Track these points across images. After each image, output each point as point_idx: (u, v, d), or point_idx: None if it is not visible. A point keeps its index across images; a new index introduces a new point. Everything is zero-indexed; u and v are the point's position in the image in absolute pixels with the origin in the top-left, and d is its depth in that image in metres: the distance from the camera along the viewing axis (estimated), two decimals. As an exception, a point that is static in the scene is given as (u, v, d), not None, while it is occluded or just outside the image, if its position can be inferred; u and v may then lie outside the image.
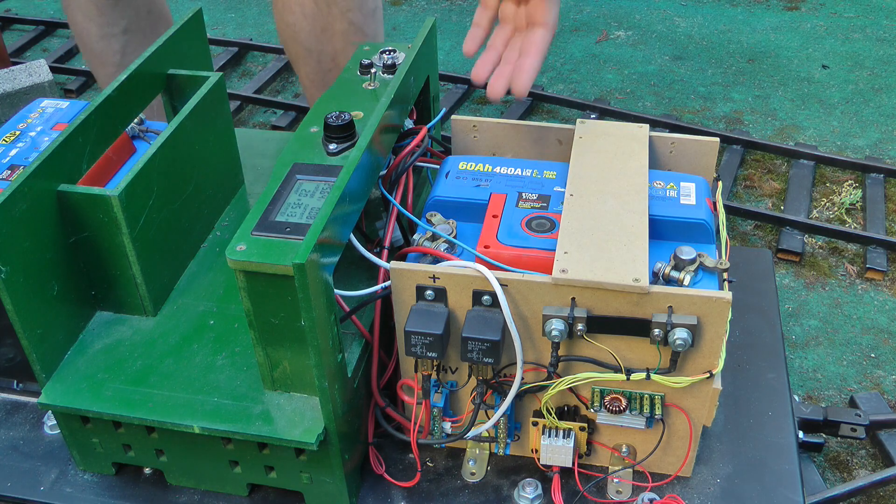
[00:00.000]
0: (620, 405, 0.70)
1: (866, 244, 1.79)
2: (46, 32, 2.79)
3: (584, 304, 0.65)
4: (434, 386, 0.72)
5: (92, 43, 1.35)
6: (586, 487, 0.74)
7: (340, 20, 1.21)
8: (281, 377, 0.69)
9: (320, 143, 0.75)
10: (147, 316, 0.78)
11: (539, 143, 0.86)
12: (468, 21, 2.82)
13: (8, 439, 0.81)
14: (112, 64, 1.37)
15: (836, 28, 2.67)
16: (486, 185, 0.79)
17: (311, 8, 1.21)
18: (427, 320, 0.66)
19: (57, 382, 0.72)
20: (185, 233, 0.83)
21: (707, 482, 0.75)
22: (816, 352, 1.58)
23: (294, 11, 1.22)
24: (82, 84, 2.48)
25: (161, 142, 0.77)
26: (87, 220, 0.72)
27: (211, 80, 0.86)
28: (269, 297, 0.64)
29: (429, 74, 0.90)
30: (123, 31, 1.33)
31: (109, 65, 1.37)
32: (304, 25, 1.22)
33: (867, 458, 1.38)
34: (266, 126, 2.30)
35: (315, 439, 0.66)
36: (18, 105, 1.66)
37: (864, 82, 2.40)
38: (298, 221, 0.66)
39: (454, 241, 0.72)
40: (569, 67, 2.53)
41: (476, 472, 0.76)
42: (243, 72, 2.58)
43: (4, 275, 0.65)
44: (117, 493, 0.76)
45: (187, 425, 0.68)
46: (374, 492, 0.75)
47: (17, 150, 0.86)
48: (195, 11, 0.94)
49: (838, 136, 2.18)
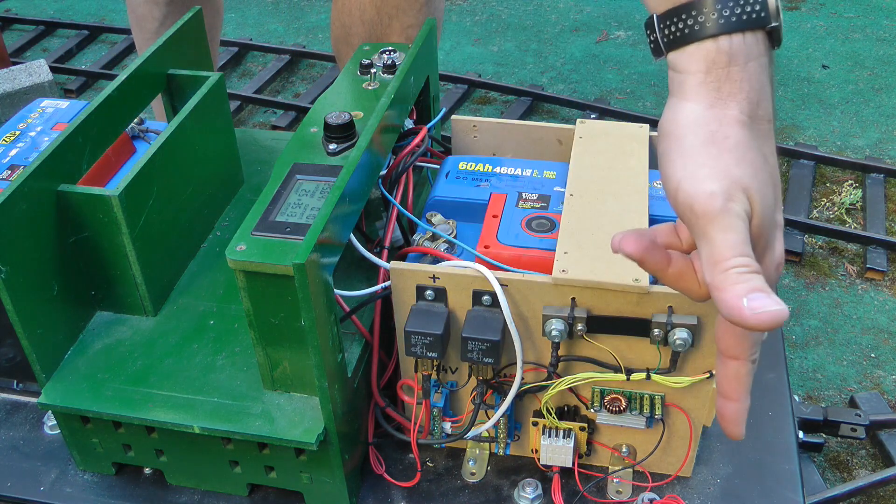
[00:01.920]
0: (620, 405, 0.70)
1: (866, 244, 1.79)
2: (46, 32, 2.79)
3: (584, 304, 0.65)
4: (434, 386, 0.72)
5: (136, 5, 1.37)
6: (586, 487, 0.74)
7: (399, 35, 1.19)
8: (281, 377, 0.69)
9: (320, 143, 0.75)
10: (147, 316, 0.78)
11: (539, 143, 0.86)
12: (468, 21, 2.82)
13: (8, 439, 0.81)
14: (150, 31, 1.38)
15: (836, 28, 2.67)
16: (486, 185, 0.79)
17: (371, 15, 1.19)
18: (427, 320, 0.66)
19: (57, 382, 0.72)
20: (185, 233, 0.83)
21: (707, 482, 0.75)
22: (816, 352, 1.58)
23: (353, 14, 1.20)
24: (82, 84, 2.48)
25: (161, 142, 0.77)
26: (87, 220, 0.72)
27: (211, 80, 0.86)
28: (269, 297, 0.64)
29: (429, 74, 0.90)
30: (168, 2, 1.35)
31: (147, 31, 1.39)
32: (359, 31, 1.21)
33: (867, 458, 1.38)
34: (266, 126, 2.30)
35: (315, 439, 0.66)
36: (18, 105, 1.66)
37: (864, 82, 2.40)
38: (298, 221, 0.66)
39: (454, 241, 0.72)
40: (569, 67, 2.53)
41: (476, 472, 0.76)
42: (243, 72, 2.58)
43: (4, 275, 0.65)
44: (117, 493, 0.76)
45: (187, 425, 0.68)
46: (374, 492, 0.75)
47: (17, 150, 0.86)
48: (195, 11, 0.94)
49: (838, 136, 2.18)
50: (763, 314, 0.43)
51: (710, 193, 0.46)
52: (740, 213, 0.47)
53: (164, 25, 1.36)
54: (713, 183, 0.47)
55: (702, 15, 0.48)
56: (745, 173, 0.47)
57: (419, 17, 1.20)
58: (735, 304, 0.44)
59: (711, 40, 0.48)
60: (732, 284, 0.45)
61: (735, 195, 0.47)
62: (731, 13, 0.48)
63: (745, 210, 0.47)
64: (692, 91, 0.49)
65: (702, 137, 0.48)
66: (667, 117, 0.51)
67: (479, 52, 2.65)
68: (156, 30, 1.37)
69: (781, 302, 0.44)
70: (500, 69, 2.55)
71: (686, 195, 0.47)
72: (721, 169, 0.47)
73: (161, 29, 1.37)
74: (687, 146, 0.49)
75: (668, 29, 0.50)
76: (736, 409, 0.51)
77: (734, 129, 0.48)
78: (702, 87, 0.49)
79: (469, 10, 2.91)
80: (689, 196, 0.47)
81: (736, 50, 0.48)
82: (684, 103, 0.50)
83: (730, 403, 0.51)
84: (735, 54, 0.48)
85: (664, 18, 0.50)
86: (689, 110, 0.49)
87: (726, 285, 0.45)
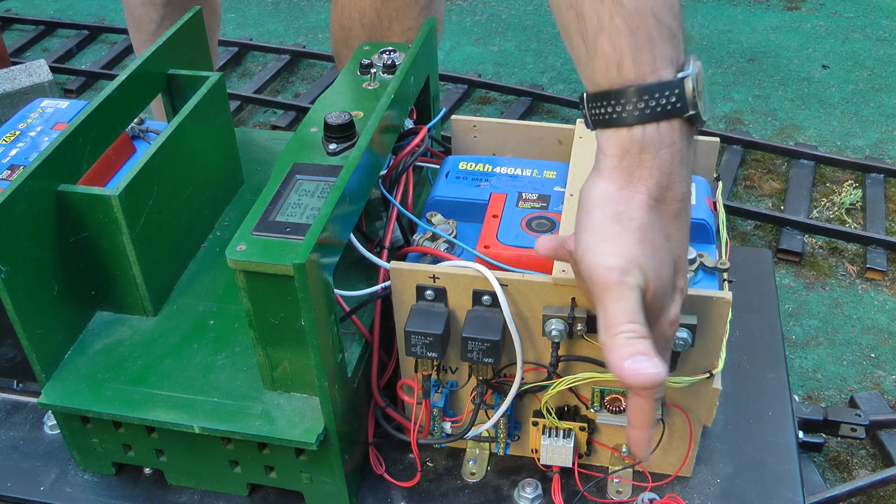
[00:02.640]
0: (620, 405, 0.70)
1: (866, 244, 1.80)
2: (46, 32, 2.79)
3: (584, 304, 0.65)
4: (434, 386, 0.72)
5: (133, 7, 1.38)
6: (586, 487, 0.74)
7: (399, 37, 1.20)
8: (281, 377, 0.69)
9: (320, 143, 0.75)
10: (147, 316, 0.78)
11: (539, 143, 0.86)
12: (468, 21, 2.82)
13: (8, 439, 0.81)
14: (148, 32, 1.38)
15: (836, 28, 2.67)
16: (485, 186, 0.79)
17: (371, 18, 1.19)
18: (427, 320, 0.66)
19: (57, 382, 0.72)
20: (185, 233, 0.83)
21: (707, 482, 0.75)
22: (816, 352, 1.58)
23: (352, 17, 1.21)
24: (82, 84, 2.48)
25: (161, 142, 0.77)
26: (87, 220, 0.72)
27: (211, 80, 0.86)
28: (269, 297, 0.64)
29: (429, 74, 0.90)
30: (165, 3, 1.35)
31: (145, 32, 1.39)
32: (359, 33, 1.21)
33: (867, 458, 1.38)
34: (266, 126, 2.30)
35: (315, 439, 0.66)
36: (18, 105, 1.66)
37: (864, 82, 2.40)
38: (298, 221, 0.66)
39: (454, 241, 0.72)
40: (569, 67, 2.53)
41: (476, 472, 0.76)
42: (243, 72, 2.58)
43: (4, 275, 0.65)
44: (117, 493, 0.76)
45: (187, 425, 0.68)
46: (374, 492, 0.75)
47: (17, 150, 0.86)
48: (195, 11, 0.94)
49: (838, 136, 2.18)
50: (640, 375, 0.50)
51: (608, 268, 0.52)
52: (633, 286, 0.52)
53: (162, 27, 1.36)
54: (612, 259, 0.52)
55: (623, 104, 0.52)
56: (644, 253, 0.52)
57: (419, 19, 1.20)
58: (618, 364, 0.51)
59: (627, 129, 0.52)
60: (619, 348, 0.51)
61: (631, 271, 0.51)
62: (647, 105, 0.51)
63: (639, 284, 0.52)
64: (607, 171, 0.54)
65: (609, 215, 0.53)
66: (583, 190, 0.55)
67: (479, 52, 2.65)
68: (153, 31, 1.37)
69: (660, 365, 0.51)
70: (500, 69, 2.55)
71: (587, 265, 0.53)
72: (621, 247, 0.52)
73: (159, 31, 1.37)
74: (594, 221, 0.53)
75: (595, 110, 0.54)
76: (641, 436, 0.56)
77: (639, 213, 0.53)
78: (615, 170, 0.53)
79: (469, 10, 2.91)
80: (590, 267, 0.52)
81: (649, 140, 0.52)
82: (599, 181, 0.54)
83: (635, 431, 0.56)
84: (647, 144, 0.52)
85: (592, 99, 0.54)
86: (602, 188, 0.54)
87: (614, 348, 0.51)
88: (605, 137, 0.54)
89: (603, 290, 0.52)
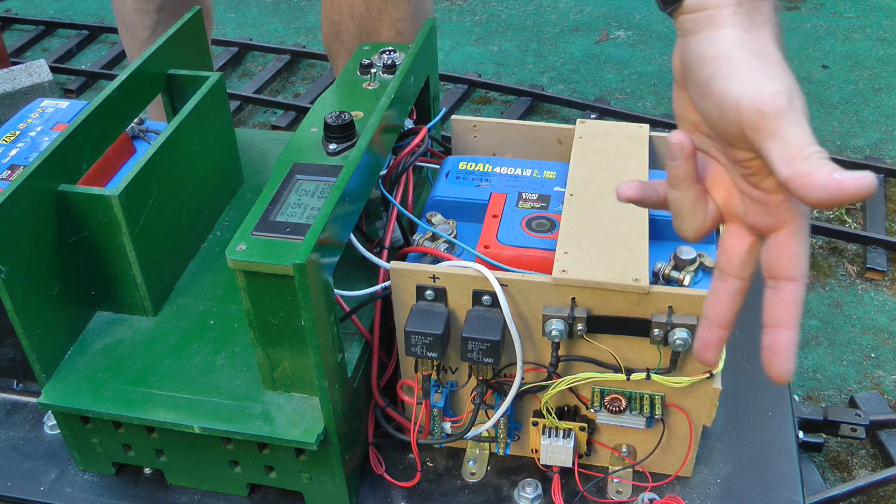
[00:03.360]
0: (620, 405, 0.70)
1: (866, 244, 1.80)
2: (46, 32, 2.79)
3: (584, 304, 0.65)
4: (434, 386, 0.72)
5: (126, 15, 1.37)
6: (586, 487, 0.74)
7: (389, 29, 1.20)
8: (281, 377, 0.69)
9: (320, 143, 0.75)
10: (147, 316, 0.78)
11: (539, 143, 0.86)
12: (468, 21, 2.82)
13: (8, 439, 0.81)
14: (141, 38, 1.38)
15: (836, 28, 2.67)
16: (485, 185, 0.79)
17: (360, 11, 1.19)
18: (427, 320, 0.66)
19: (57, 382, 0.72)
20: (185, 233, 0.83)
21: (707, 482, 0.75)
22: (816, 352, 1.58)
23: (342, 11, 1.21)
24: (82, 84, 2.48)
25: (161, 142, 0.77)
26: (87, 220, 0.72)
27: (211, 80, 0.87)
28: (269, 297, 0.64)
29: (429, 74, 0.90)
30: (158, 10, 1.34)
31: (139, 39, 1.38)
32: (349, 27, 1.21)
33: (867, 458, 1.38)
34: (266, 126, 2.30)
35: (315, 439, 0.66)
36: (18, 105, 1.66)
37: (864, 82, 2.40)
38: (298, 221, 0.66)
39: (454, 241, 0.72)
40: (569, 67, 2.53)
41: (476, 472, 0.76)
42: (243, 72, 2.58)
43: (4, 275, 0.65)
44: (117, 493, 0.76)
45: (187, 425, 0.68)
46: (374, 492, 0.75)
47: (17, 150, 0.86)
48: (195, 11, 0.94)
49: (838, 136, 2.18)
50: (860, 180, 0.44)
51: (776, 92, 0.49)
52: (803, 110, 0.49)
53: (156, 33, 1.35)
54: (776, 84, 0.49)
55: None
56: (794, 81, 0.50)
57: (408, 9, 1.20)
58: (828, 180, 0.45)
59: None
60: (819, 167, 0.46)
61: (795, 96, 0.49)
62: None
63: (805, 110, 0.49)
64: (727, 20, 0.52)
65: (750, 52, 0.51)
66: (701, 46, 0.53)
67: (479, 52, 2.65)
68: (147, 38, 1.37)
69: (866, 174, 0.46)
70: (500, 69, 2.55)
71: (751, 100, 0.49)
72: (776, 75, 0.50)
73: (152, 37, 1.36)
74: (738, 61, 0.51)
75: None
76: (790, 337, 0.48)
77: (773, 48, 0.51)
78: (735, 16, 0.52)
79: (469, 10, 2.91)
80: (757, 99, 0.49)
81: None
82: (720, 31, 0.52)
83: (782, 332, 0.49)
84: None
85: None
86: (728, 35, 0.52)
87: (812, 169, 0.46)
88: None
89: (777, 117, 0.48)
